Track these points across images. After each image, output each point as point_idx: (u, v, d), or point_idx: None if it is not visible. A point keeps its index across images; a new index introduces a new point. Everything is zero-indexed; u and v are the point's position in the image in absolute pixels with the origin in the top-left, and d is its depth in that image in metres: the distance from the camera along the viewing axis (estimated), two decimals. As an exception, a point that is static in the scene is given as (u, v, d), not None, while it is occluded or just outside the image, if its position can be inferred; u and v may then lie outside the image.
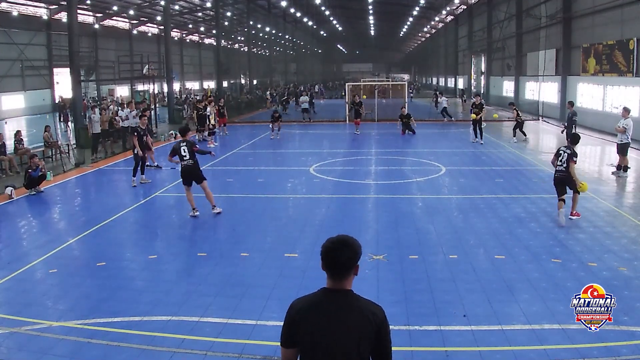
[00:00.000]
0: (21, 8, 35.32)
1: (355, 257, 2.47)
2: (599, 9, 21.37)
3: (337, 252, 2.47)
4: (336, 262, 2.47)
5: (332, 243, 2.49)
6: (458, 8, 46.68)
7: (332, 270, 2.50)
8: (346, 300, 2.47)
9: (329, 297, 2.49)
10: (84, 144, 18.30)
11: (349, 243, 2.48)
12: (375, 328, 2.40)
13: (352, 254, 2.46)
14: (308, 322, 2.44)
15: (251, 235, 8.58)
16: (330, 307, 2.45)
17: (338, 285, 2.50)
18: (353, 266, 2.48)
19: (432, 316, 5.55)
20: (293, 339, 2.47)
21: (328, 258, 2.49)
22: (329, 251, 2.49)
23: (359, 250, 2.49)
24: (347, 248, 2.47)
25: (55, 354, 4.96)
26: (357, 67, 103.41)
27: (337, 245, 2.48)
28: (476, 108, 18.59)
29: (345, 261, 2.46)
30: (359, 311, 2.43)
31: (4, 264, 7.38)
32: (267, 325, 5.45)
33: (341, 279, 2.49)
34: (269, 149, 18.83)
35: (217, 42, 39.43)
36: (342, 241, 2.49)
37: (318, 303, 2.49)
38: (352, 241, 2.50)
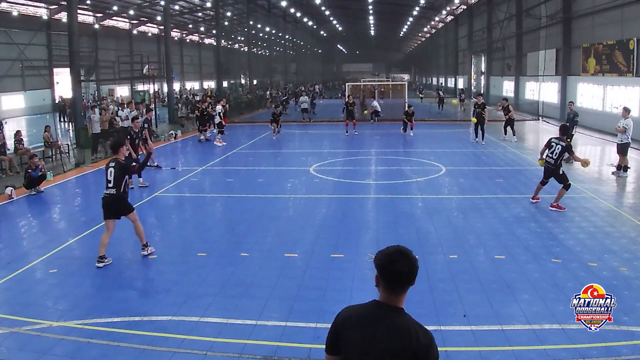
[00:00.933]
0: (21, 8, 35.33)
1: (416, 270, 2.35)
2: (599, 9, 21.37)
3: (399, 263, 2.31)
4: (395, 275, 2.32)
5: (389, 255, 2.34)
6: (458, 8, 46.67)
7: (392, 284, 2.34)
8: (396, 318, 2.35)
9: (379, 312, 2.36)
10: (84, 144, 18.30)
11: (410, 255, 2.35)
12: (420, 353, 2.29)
13: (413, 266, 2.34)
14: (352, 332, 2.36)
15: (251, 235, 8.57)
16: (378, 322, 2.34)
17: (392, 301, 2.37)
18: (414, 279, 2.35)
19: (432, 316, 5.55)
20: (335, 346, 2.41)
21: (389, 270, 2.32)
22: (391, 263, 2.32)
23: (417, 263, 2.37)
24: (408, 260, 2.33)
25: (55, 354, 4.96)
26: (357, 67, 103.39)
27: (397, 257, 2.33)
28: (479, 108, 18.57)
29: (403, 274, 2.32)
30: (407, 331, 2.32)
31: (4, 264, 7.38)
32: (267, 325, 5.45)
33: (398, 293, 2.37)
34: (269, 149, 18.83)
35: (217, 42, 39.44)
36: (401, 252, 2.35)
37: (366, 316, 2.37)
38: (410, 254, 2.37)
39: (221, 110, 20.04)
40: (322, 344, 5.16)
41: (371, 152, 18.10)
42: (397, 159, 16.14)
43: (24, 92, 36.46)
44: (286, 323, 5.49)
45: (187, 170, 14.43)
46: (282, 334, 5.26)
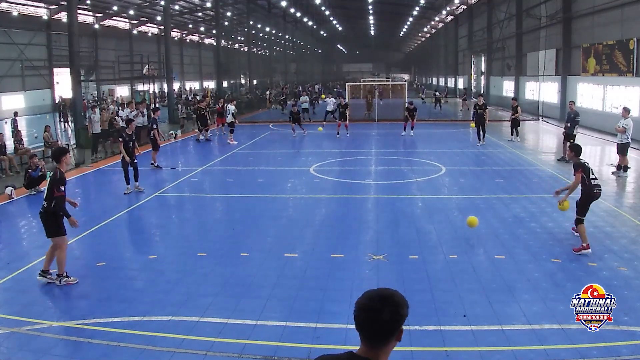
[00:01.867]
0: (21, 8, 35.33)
1: (399, 319, 1.97)
2: (599, 9, 21.36)
3: (376, 311, 1.94)
4: (372, 323, 1.95)
5: (369, 299, 1.98)
6: (458, 8, 46.66)
7: (367, 334, 1.97)
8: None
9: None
10: (84, 144, 18.29)
11: (392, 300, 1.98)
12: None
13: (395, 314, 1.96)
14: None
15: (251, 235, 8.57)
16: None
17: (371, 354, 1.98)
18: (396, 330, 1.97)
19: (432, 316, 5.55)
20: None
21: (363, 318, 1.97)
22: (365, 309, 1.97)
23: (404, 311, 1.99)
24: (388, 307, 1.95)
25: (55, 354, 4.96)
26: (357, 67, 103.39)
27: (376, 303, 1.96)
28: (480, 109, 18.48)
29: (385, 323, 1.94)
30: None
31: (4, 264, 7.39)
32: (267, 325, 5.45)
33: (377, 345, 1.97)
34: (269, 149, 18.82)
35: (217, 42, 39.43)
36: (383, 297, 1.98)
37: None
38: (397, 298, 2.00)
39: (234, 110, 20.33)
40: (322, 344, 5.19)
41: (371, 152, 18.10)
42: (397, 159, 16.14)
43: (24, 92, 36.47)
44: (286, 323, 5.49)
45: (187, 170, 14.43)
46: (282, 334, 5.26)
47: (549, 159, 15.21)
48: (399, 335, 1.99)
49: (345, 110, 21.40)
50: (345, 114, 21.31)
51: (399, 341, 1.99)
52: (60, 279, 6.53)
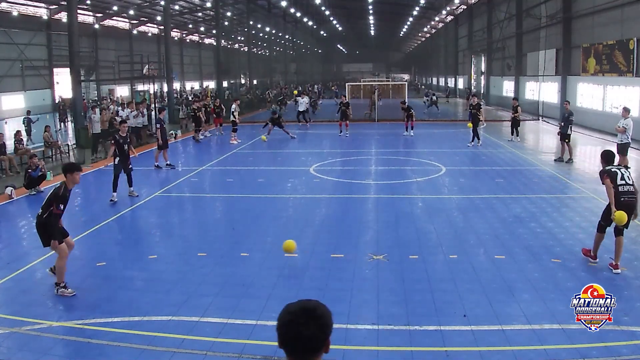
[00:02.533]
0: (21, 8, 35.32)
1: (324, 333, 1.85)
2: (599, 9, 21.36)
3: (297, 326, 1.82)
4: (297, 339, 1.82)
5: (290, 313, 1.85)
6: (458, 8, 46.66)
7: (293, 350, 1.84)
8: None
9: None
10: (84, 144, 18.29)
11: (316, 313, 1.85)
12: None
13: (319, 328, 1.84)
14: None
15: (251, 235, 8.58)
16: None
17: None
18: (321, 344, 1.85)
19: (432, 316, 5.55)
20: None
21: (285, 333, 1.84)
22: (287, 324, 1.84)
23: (329, 322, 1.87)
24: (312, 320, 1.83)
25: (55, 354, 4.96)
26: (357, 67, 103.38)
27: (299, 317, 1.84)
28: (473, 109, 18.42)
29: (307, 338, 1.82)
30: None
31: (4, 264, 7.39)
32: (267, 325, 5.45)
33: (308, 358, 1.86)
34: (269, 149, 18.82)
35: (217, 42, 39.42)
36: (306, 311, 1.85)
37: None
38: (321, 310, 1.87)
39: (235, 109, 20.40)
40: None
41: (371, 152, 18.10)
42: (397, 159, 16.14)
43: (24, 92, 36.45)
44: (286, 323, 5.47)
45: (187, 170, 14.43)
46: (282, 334, 5.25)
47: (548, 159, 15.21)
48: (326, 347, 1.88)
49: (346, 109, 21.39)
50: (346, 113, 21.30)
51: (326, 353, 1.89)
52: (58, 288, 6.27)
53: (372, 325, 5.40)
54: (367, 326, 5.39)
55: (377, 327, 5.35)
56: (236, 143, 19.45)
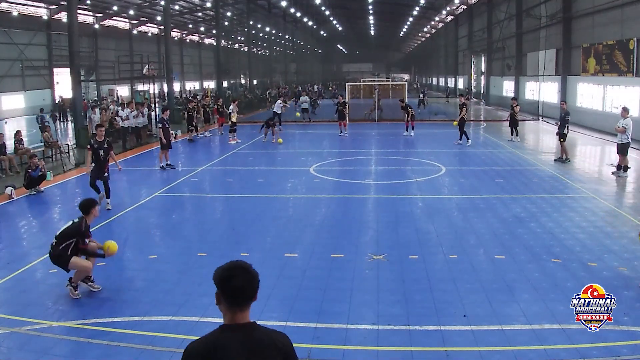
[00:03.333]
0: (21, 8, 35.33)
1: (257, 282, 2.24)
2: (599, 9, 21.36)
3: (234, 279, 2.18)
4: (235, 290, 2.18)
5: (228, 270, 2.22)
6: (458, 8, 46.67)
7: (234, 301, 2.20)
8: (252, 334, 2.21)
9: (234, 336, 2.18)
10: (84, 144, 18.26)
11: (246, 268, 2.24)
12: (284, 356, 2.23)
13: (253, 278, 2.22)
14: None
15: (251, 235, 8.58)
16: (238, 346, 2.15)
17: (239, 319, 2.21)
18: (256, 292, 2.24)
19: (432, 316, 5.55)
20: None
21: (228, 286, 2.18)
22: (228, 279, 2.19)
23: (256, 276, 2.26)
24: (248, 274, 2.22)
25: (55, 354, 4.97)
26: (357, 67, 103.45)
27: (235, 272, 2.21)
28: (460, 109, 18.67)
29: (247, 287, 2.20)
30: (267, 345, 2.20)
31: (4, 264, 7.39)
32: (267, 325, 5.43)
33: (243, 309, 2.22)
34: (269, 149, 18.83)
35: (217, 42, 39.43)
36: (239, 266, 2.23)
37: (224, 345, 2.16)
38: (248, 265, 2.26)
39: (234, 109, 20.47)
40: (322, 344, 5.18)
41: (371, 152, 18.10)
42: (397, 159, 16.14)
43: (24, 92, 36.46)
44: (286, 323, 5.49)
45: (187, 170, 14.43)
46: (282, 334, 5.25)
47: (548, 159, 15.21)
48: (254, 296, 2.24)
49: (343, 109, 21.37)
50: (343, 113, 21.27)
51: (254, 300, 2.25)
52: (70, 284, 6.28)
53: (372, 325, 5.41)
54: (367, 326, 5.39)
55: (377, 327, 5.35)
56: (235, 143, 19.43)
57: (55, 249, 6.18)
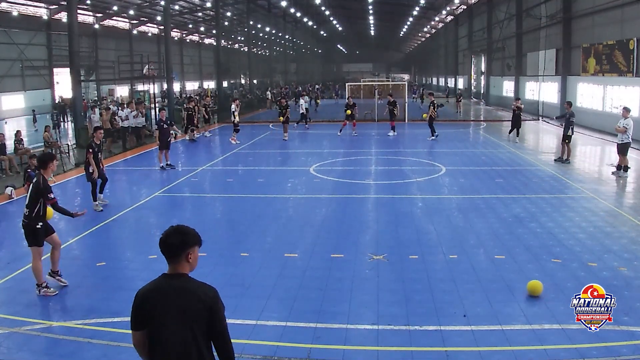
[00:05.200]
0: (21, 8, 35.34)
1: (184, 242, 2.74)
2: (599, 9, 21.37)
3: (166, 236, 2.75)
4: (165, 246, 2.74)
5: (167, 230, 2.78)
6: (458, 8, 46.67)
7: (165, 255, 2.76)
8: (181, 284, 2.72)
9: (166, 281, 2.75)
10: (84, 144, 18.27)
11: (180, 230, 2.77)
12: (207, 306, 2.68)
13: (179, 240, 2.73)
14: (150, 304, 2.70)
15: (251, 235, 8.57)
16: (168, 289, 2.71)
17: (173, 270, 2.76)
18: (182, 251, 2.73)
19: (432, 316, 5.55)
20: (140, 322, 2.73)
21: (160, 243, 2.76)
22: (161, 237, 2.76)
23: (188, 239, 2.76)
24: (177, 234, 2.75)
25: (55, 354, 4.97)
26: (357, 67, 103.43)
27: (169, 231, 2.77)
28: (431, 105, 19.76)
29: (172, 245, 2.73)
30: (192, 292, 2.70)
31: (4, 264, 7.39)
32: (267, 325, 5.45)
33: (173, 263, 2.75)
34: (269, 149, 18.83)
35: (217, 42, 39.39)
36: (175, 229, 2.78)
37: (158, 287, 2.74)
38: (186, 230, 2.78)
39: (235, 109, 20.38)
40: (322, 344, 5.18)
41: (371, 152, 18.10)
42: (397, 159, 16.14)
43: (24, 92, 36.46)
44: (286, 323, 5.49)
45: (187, 170, 14.43)
46: (282, 334, 5.26)
47: (548, 159, 15.21)
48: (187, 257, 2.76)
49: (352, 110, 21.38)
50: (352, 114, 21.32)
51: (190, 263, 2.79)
52: (39, 288, 6.23)
53: (372, 325, 5.40)
54: (367, 326, 5.39)
55: (377, 327, 5.35)
56: (235, 143, 19.39)
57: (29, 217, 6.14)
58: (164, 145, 14.54)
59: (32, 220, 6.16)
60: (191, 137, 20.71)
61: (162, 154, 14.59)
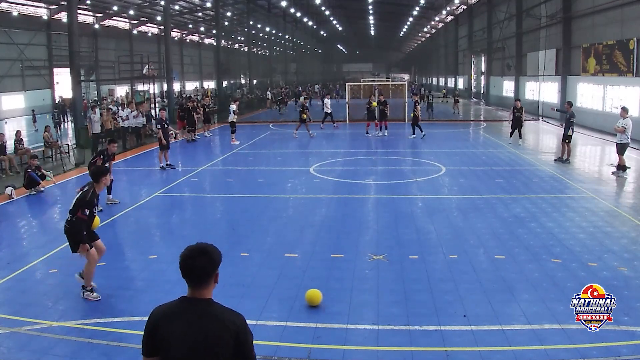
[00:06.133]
0: (21, 8, 35.33)
1: (211, 265, 2.47)
2: (599, 9, 21.37)
3: (193, 260, 2.44)
4: (192, 270, 2.44)
5: (189, 251, 2.47)
6: (458, 8, 46.67)
7: (189, 279, 2.47)
8: (205, 309, 2.45)
9: (187, 306, 2.46)
10: (84, 144, 18.30)
11: (206, 251, 2.48)
12: (234, 335, 2.39)
13: (208, 262, 2.46)
14: (167, 331, 2.41)
15: (251, 235, 8.57)
16: (189, 316, 2.42)
17: (197, 294, 2.48)
18: (210, 275, 2.47)
19: (432, 316, 5.55)
20: (153, 348, 2.45)
21: (184, 266, 2.46)
22: (185, 259, 2.45)
23: (216, 258, 2.50)
24: (203, 256, 2.46)
25: (55, 354, 4.96)
26: (357, 67, 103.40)
27: (194, 253, 2.45)
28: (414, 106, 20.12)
29: (200, 269, 2.44)
30: (218, 320, 2.42)
31: (4, 264, 7.38)
32: (267, 325, 5.45)
33: (199, 287, 2.46)
34: (269, 149, 18.83)
35: (217, 42, 39.40)
36: (200, 249, 2.48)
37: (177, 312, 2.45)
38: (211, 249, 2.50)
39: (235, 109, 20.33)
40: (322, 344, 5.19)
41: (371, 152, 18.09)
42: (397, 158, 16.14)
43: (24, 92, 36.45)
44: (286, 323, 5.49)
45: (187, 170, 14.43)
46: (282, 334, 5.26)
47: (548, 159, 15.21)
48: (215, 278, 2.50)
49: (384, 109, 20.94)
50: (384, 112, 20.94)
51: (216, 283, 2.52)
52: (84, 291, 6.20)
53: (372, 325, 5.41)
54: (367, 326, 5.39)
55: (377, 327, 5.35)
56: (235, 143, 19.36)
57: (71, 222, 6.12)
58: (166, 145, 14.55)
59: (74, 224, 6.13)
60: (189, 138, 20.70)
61: (162, 154, 14.60)
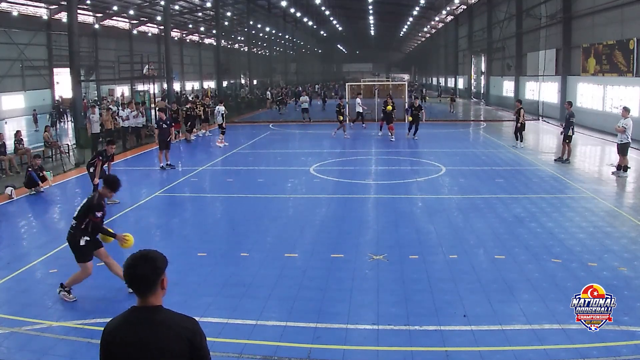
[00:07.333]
0: (21, 8, 35.31)
1: (154, 272, 2.41)
2: (599, 9, 21.36)
3: (134, 268, 2.39)
4: (135, 279, 2.39)
5: (131, 259, 2.41)
6: (458, 8, 46.67)
7: (134, 288, 2.41)
8: (155, 317, 2.40)
9: (137, 316, 2.39)
10: (84, 144, 18.29)
11: (148, 257, 2.42)
12: (187, 343, 2.36)
13: (150, 269, 2.40)
14: (119, 343, 2.34)
15: (251, 235, 8.57)
16: (140, 325, 2.36)
17: (145, 303, 2.42)
18: (155, 282, 2.41)
19: (432, 316, 5.55)
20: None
21: (126, 275, 2.40)
22: (127, 268, 2.40)
23: (160, 265, 2.44)
24: (145, 264, 2.40)
25: (55, 354, 4.96)
26: (357, 67, 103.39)
27: (136, 262, 2.40)
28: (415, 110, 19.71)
29: (143, 278, 2.39)
30: (169, 328, 2.38)
31: (4, 264, 7.38)
32: (267, 325, 5.45)
33: (146, 296, 2.41)
34: (269, 149, 18.83)
35: (217, 42, 39.41)
36: (142, 257, 2.42)
37: (128, 323, 2.38)
38: (153, 255, 2.44)
39: (224, 111, 19.95)
40: (322, 344, 5.18)
41: (371, 152, 18.09)
42: (397, 159, 16.14)
43: (24, 92, 36.44)
44: (286, 323, 5.49)
45: (187, 170, 14.43)
46: (282, 334, 5.26)
47: (549, 159, 15.21)
48: (162, 283, 2.45)
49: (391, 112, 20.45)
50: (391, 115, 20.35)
51: (164, 289, 2.48)
52: (62, 290, 6.17)
53: (372, 325, 5.40)
54: (367, 326, 5.39)
55: (377, 327, 5.35)
56: (222, 146, 18.59)
57: (76, 229, 6.05)
58: (164, 145, 14.54)
59: (77, 232, 6.07)
60: (189, 138, 20.67)
61: (162, 154, 14.59)
